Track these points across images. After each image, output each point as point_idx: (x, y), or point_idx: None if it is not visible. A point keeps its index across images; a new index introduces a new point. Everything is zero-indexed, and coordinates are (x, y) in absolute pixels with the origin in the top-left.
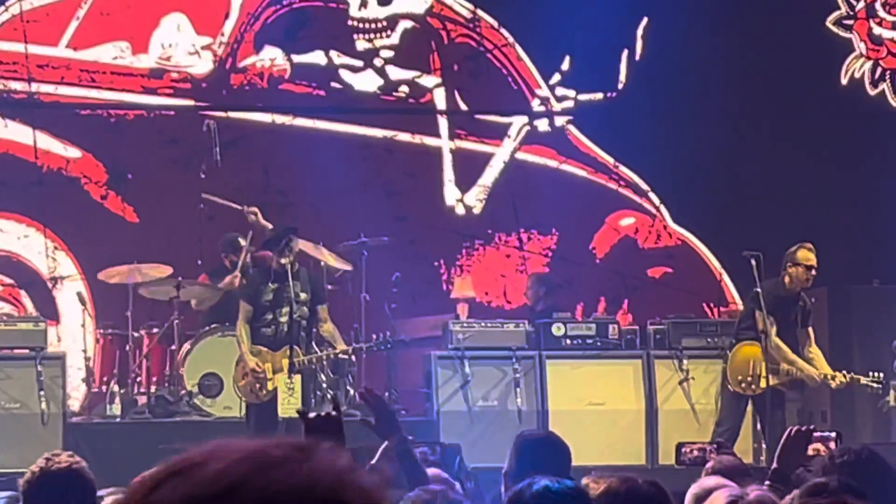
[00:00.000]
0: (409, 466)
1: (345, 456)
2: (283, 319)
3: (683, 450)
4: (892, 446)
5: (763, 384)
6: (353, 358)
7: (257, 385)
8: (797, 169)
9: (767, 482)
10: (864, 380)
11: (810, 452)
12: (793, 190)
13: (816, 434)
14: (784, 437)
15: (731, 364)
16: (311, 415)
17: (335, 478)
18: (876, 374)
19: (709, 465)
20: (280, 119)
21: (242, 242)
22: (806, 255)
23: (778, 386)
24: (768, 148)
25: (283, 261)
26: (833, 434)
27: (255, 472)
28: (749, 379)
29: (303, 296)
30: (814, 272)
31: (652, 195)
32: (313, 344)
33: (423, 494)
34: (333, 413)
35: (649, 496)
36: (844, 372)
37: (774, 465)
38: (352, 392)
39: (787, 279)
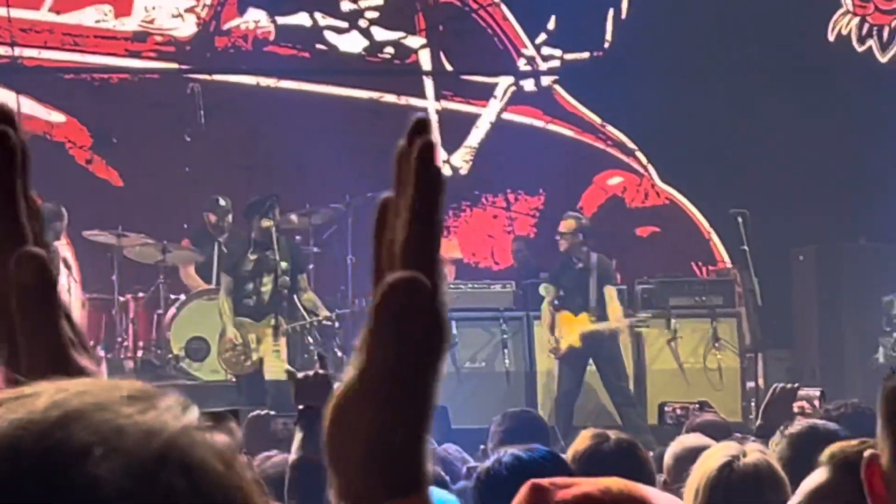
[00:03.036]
0: (307, 430)
1: (193, 409)
2: (265, 289)
3: (666, 409)
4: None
5: (564, 346)
6: (337, 324)
7: (242, 357)
8: (784, 126)
9: (752, 438)
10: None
11: (795, 409)
12: (780, 147)
13: (801, 392)
14: (769, 394)
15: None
16: (300, 375)
17: (179, 429)
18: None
19: (689, 422)
20: (265, 81)
21: (222, 202)
22: (566, 224)
23: (573, 344)
24: (755, 105)
25: (264, 224)
26: (818, 392)
27: (93, 408)
28: (555, 345)
29: (283, 265)
30: (573, 236)
31: (639, 154)
32: (299, 309)
33: None
34: (322, 372)
35: (616, 454)
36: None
37: (759, 421)
38: (339, 355)
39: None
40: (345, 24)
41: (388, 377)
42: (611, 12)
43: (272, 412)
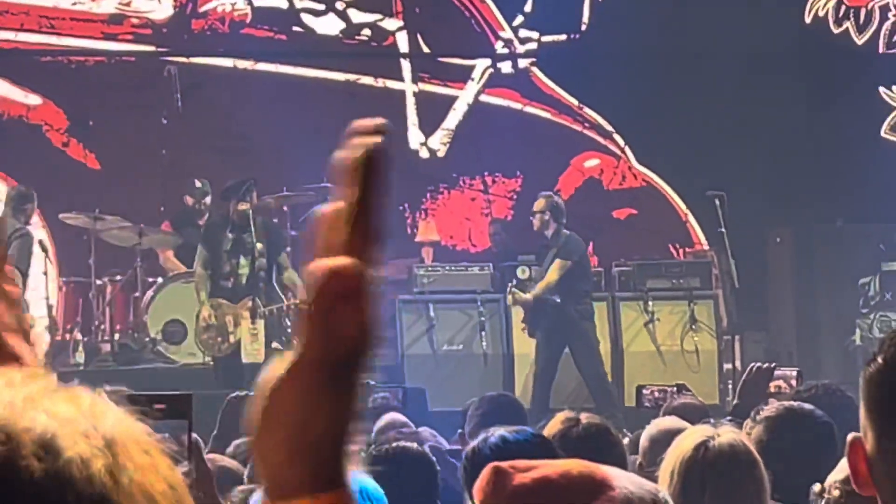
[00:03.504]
0: None
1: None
2: (242, 271)
3: (644, 392)
4: (858, 385)
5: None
6: None
7: (219, 339)
8: (761, 108)
9: (728, 418)
10: None
11: (771, 389)
12: (757, 129)
13: (778, 371)
14: (745, 373)
15: None
16: None
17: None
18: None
19: (666, 405)
20: (242, 64)
21: (199, 184)
22: (537, 203)
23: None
24: (732, 87)
25: (241, 207)
26: (794, 371)
27: None
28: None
29: (259, 246)
30: (542, 214)
31: (616, 136)
32: (276, 290)
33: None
34: None
35: (586, 437)
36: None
37: (735, 400)
38: None
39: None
40: (321, 7)
41: (313, 367)
42: None
43: (251, 393)
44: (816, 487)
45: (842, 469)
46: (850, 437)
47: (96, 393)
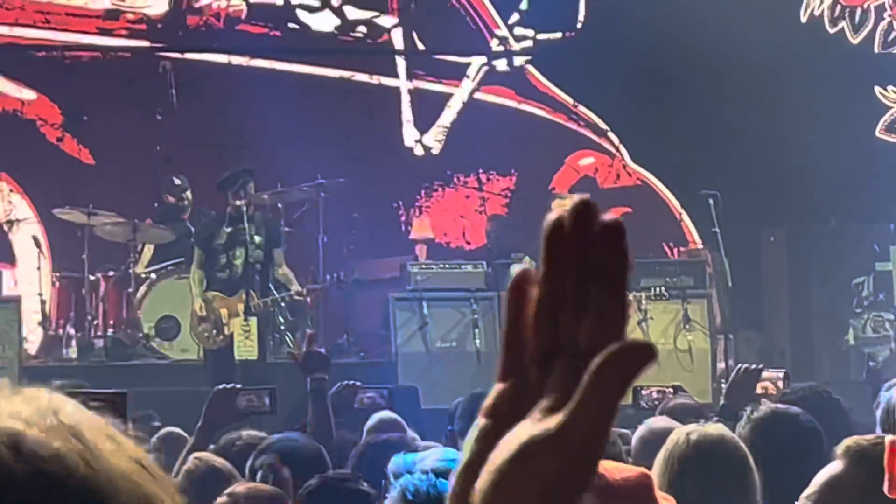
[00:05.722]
0: (316, 404)
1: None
2: (238, 262)
3: (643, 392)
4: (850, 385)
5: None
6: (310, 300)
7: (214, 331)
8: (756, 107)
9: (715, 418)
10: None
11: (758, 390)
12: (752, 128)
13: (765, 373)
14: (733, 374)
15: None
16: (303, 351)
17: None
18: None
19: (661, 405)
20: (237, 60)
21: (177, 181)
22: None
23: None
24: (727, 86)
25: (237, 202)
26: (781, 373)
27: None
28: None
29: (257, 239)
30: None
31: (611, 135)
32: (270, 287)
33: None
34: (319, 350)
35: None
36: None
37: (723, 401)
38: (308, 332)
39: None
40: (317, 3)
41: (592, 437)
42: None
43: (238, 385)
44: None
45: (814, 483)
46: (887, 439)
47: (47, 389)
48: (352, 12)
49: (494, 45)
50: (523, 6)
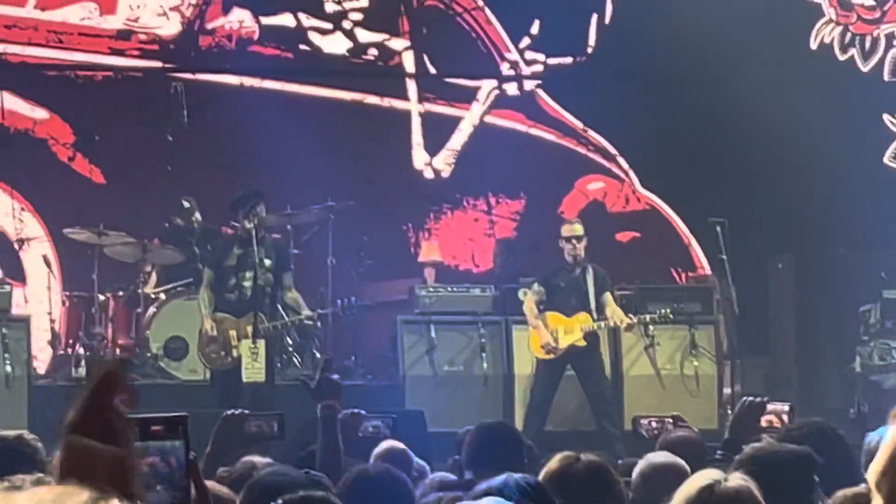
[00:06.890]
0: (326, 431)
1: None
2: (247, 284)
3: (641, 422)
4: (857, 413)
5: (564, 345)
6: (319, 323)
7: (222, 352)
8: (765, 134)
9: (719, 452)
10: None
11: (763, 424)
12: (761, 155)
13: (770, 406)
14: (737, 407)
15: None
16: (316, 378)
17: None
18: (663, 310)
19: (660, 439)
20: (248, 81)
21: (186, 203)
22: (568, 228)
23: (576, 342)
24: (737, 113)
25: (248, 225)
26: (787, 406)
27: None
28: (552, 344)
29: (267, 262)
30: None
31: (620, 159)
32: (279, 308)
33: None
34: (333, 377)
35: (585, 475)
36: (631, 315)
37: (727, 435)
38: (318, 356)
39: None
40: (329, 26)
41: None
42: (594, 18)
43: (247, 412)
44: None
45: None
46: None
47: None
48: (363, 35)
49: (505, 68)
50: (534, 30)
